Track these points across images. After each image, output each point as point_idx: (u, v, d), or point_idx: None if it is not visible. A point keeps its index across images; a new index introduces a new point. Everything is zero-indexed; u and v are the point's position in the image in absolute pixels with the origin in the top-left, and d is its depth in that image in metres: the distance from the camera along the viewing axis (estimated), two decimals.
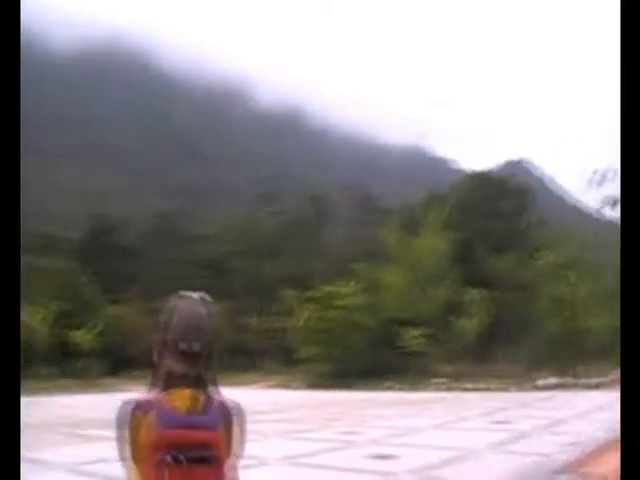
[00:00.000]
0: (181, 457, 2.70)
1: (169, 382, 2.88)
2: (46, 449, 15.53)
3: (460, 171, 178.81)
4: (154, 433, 2.74)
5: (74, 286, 67.56)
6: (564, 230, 53.09)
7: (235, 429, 2.93)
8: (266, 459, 12.64)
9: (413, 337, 42.14)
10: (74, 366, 57.58)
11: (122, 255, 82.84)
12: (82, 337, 56.17)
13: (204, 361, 2.92)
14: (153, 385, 2.96)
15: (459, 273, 46.26)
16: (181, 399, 2.82)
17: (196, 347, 2.87)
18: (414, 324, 42.80)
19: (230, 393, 3.68)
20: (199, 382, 2.88)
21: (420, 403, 27.40)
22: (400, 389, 36.76)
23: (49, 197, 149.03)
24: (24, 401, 21.73)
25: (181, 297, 3.04)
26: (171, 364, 2.89)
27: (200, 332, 2.91)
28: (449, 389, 35.87)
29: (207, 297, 3.10)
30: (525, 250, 48.12)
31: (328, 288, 46.11)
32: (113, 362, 62.03)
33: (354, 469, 11.62)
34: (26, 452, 14.70)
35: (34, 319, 55.17)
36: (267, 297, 70.33)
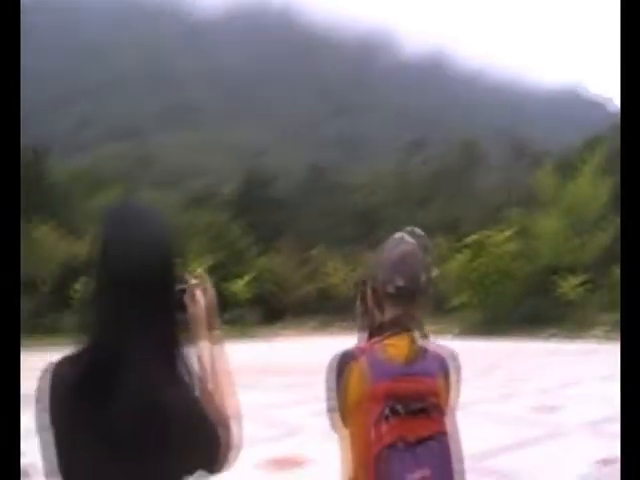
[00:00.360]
0: (400, 409, 2.48)
1: (380, 329, 2.65)
2: None
3: (616, 113, 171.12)
4: (369, 385, 2.51)
5: (228, 237, 69.34)
6: None
7: (452, 377, 2.66)
8: None
9: (572, 285, 40.77)
10: (230, 315, 59.21)
11: (274, 207, 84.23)
12: (237, 287, 57.46)
13: (416, 304, 2.70)
14: (362, 333, 2.75)
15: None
16: (397, 347, 2.57)
17: (408, 288, 2.64)
18: (571, 272, 41.39)
19: None
20: (411, 327, 2.64)
21: (580, 353, 26.42)
22: (558, 338, 35.60)
23: (205, 153, 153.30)
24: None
25: (392, 238, 2.83)
26: (381, 309, 2.66)
27: (410, 272, 2.66)
28: (609, 339, 34.37)
29: (418, 231, 2.86)
30: None
31: (481, 235, 45.13)
32: (267, 311, 63.37)
33: (522, 419, 11.10)
34: None
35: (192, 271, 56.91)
36: None
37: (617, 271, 42.30)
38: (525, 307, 42.82)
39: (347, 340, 3.50)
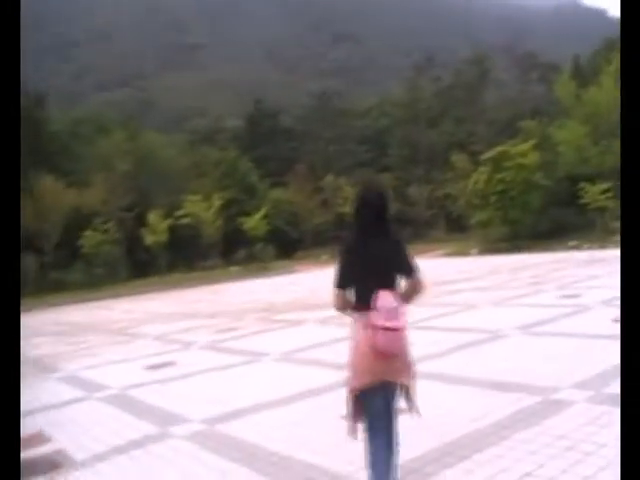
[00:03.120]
0: None
1: None
2: (253, 337, 14.93)
3: (619, 19, 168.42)
4: None
5: (238, 173, 68.52)
6: None
7: None
8: (500, 330, 11.52)
9: (594, 194, 39.64)
10: (247, 251, 58.53)
11: (282, 139, 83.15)
12: (252, 222, 56.38)
13: None
14: None
15: None
16: None
17: None
18: (594, 180, 40.27)
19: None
20: None
21: (619, 261, 25.29)
22: (587, 248, 34.57)
23: (207, 92, 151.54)
24: (208, 290, 22.47)
25: None
26: None
27: None
28: None
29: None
30: None
31: (500, 148, 43.87)
32: (283, 244, 62.78)
33: (606, 335, 10.02)
34: (237, 342, 14.49)
35: (202, 211, 56.03)
36: (433, 165, 68.86)
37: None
38: (548, 219, 42.02)
39: None
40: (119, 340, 17.87)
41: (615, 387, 6.87)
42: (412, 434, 6.10)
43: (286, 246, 63.53)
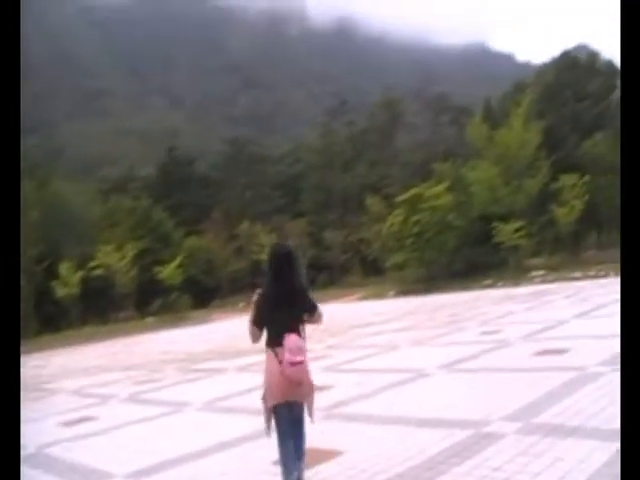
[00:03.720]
0: None
1: None
2: (174, 388, 14.63)
3: (526, 63, 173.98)
4: None
5: (152, 222, 67.67)
6: None
7: None
8: (423, 369, 11.46)
9: (509, 232, 40.50)
10: (162, 301, 57.70)
11: (195, 186, 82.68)
12: (167, 272, 55.37)
13: None
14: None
15: (550, 161, 44.45)
16: None
17: None
18: (507, 219, 41.17)
19: (327, 309, 6.21)
20: None
21: (534, 296, 25.77)
22: (501, 285, 35.13)
23: (116, 139, 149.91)
24: (123, 342, 22.01)
25: None
26: None
27: None
28: (545, 281, 33.97)
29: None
30: (616, 132, 45.39)
31: (414, 190, 44.46)
32: (199, 292, 62.14)
33: (528, 368, 10.19)
34: (157, 394, 14.15)
35: (115, 262, 54.93)
36: (347, 209, 69.33)
37: (551, 212, 42.84)
38: (462, 258, 42.74)
39: None
40: (34, 396, 17.17)
41: (543, 417, 6.91)
42: (347, 477, 5.98)
43: (202, 295, 62.87)
